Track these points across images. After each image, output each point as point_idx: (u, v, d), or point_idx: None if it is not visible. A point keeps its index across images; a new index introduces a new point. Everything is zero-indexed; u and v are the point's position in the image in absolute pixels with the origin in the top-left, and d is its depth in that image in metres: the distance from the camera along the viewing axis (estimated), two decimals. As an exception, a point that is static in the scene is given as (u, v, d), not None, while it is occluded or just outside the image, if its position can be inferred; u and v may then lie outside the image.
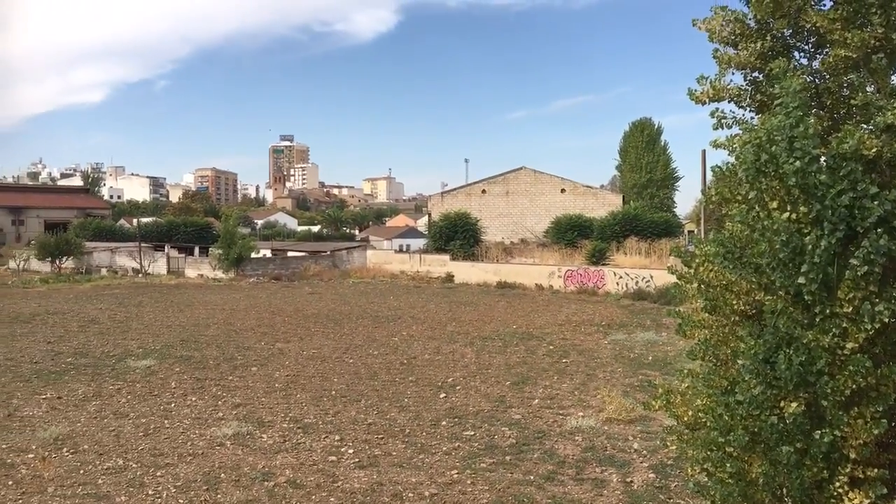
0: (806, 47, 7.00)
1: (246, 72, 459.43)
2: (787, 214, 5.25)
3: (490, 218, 57.66)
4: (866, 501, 5.23)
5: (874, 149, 5.48)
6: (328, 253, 55.89)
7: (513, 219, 59.06)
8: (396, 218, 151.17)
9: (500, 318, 29.07)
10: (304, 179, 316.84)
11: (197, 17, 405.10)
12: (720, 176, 6.35)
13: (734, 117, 6.88)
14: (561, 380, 17.98)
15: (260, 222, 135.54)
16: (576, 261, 43.94)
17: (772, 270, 5.36)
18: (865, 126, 5.83)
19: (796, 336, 5.25)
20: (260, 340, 23.77)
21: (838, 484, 5.28)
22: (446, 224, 50.94)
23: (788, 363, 5.13)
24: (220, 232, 54.53)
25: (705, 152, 25.68)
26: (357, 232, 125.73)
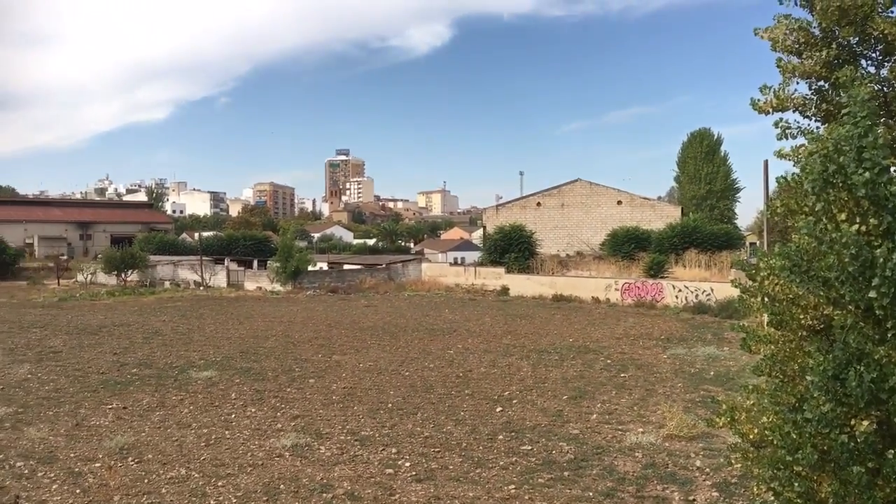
0: (873, 55, 6.82)
1: (303, 88, 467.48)
2: (857, 227, 5.10)
3: (545, 230, 57.36)
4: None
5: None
6: (384, 266, 56.31)
7: (568, 231, 58.65)
8: (451, 231, 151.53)
9: (557, 332, 28.83)
10: (360, 193, 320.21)
11: (256, 36, 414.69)
12: (785, 187, 6.20)
13: (799, 127, 6.73)
14: (619, 395, 17.73)
15: (316, 235, 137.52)
16: (633, 273, 43.37)
17: (841, 284, 5.20)
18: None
19: (867, 352, 5.08)
20: (317, 352, 24.04)
21: (912, 505, 5.09)
22: (501, 237, 50.83)
23: (859, 380, 4.96)
24: (278, 245, 55.45)
25: (767, 162, 25.14)
26: (412, 245, 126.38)
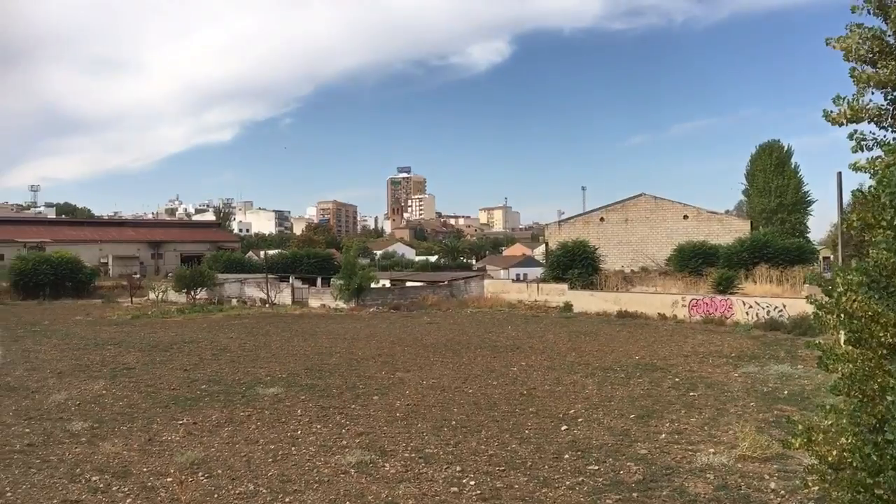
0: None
1: (364, 106, 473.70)
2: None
3: (609, 246, 56.76)
4: None
5: None
6: (446, 283, 56.46)
7: (632, 247, 57.90)
8: (513, 247, 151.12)
9: (622, 349, 28.39)
10: (422, 210, 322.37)
11: (318, 57, 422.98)
12: (861, 200, 6.00)
13: (875, 139, 6.51)
14: (689, 414, 17.31)
15: (378, 253, 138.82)
16: (701, 289, 42.49)
17: (923, 301, 4.98)
18: None
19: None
20: (380, 369, 24.18)
21: None
22: (564, 253, 50.44)
23: (945, 401, 4.74)
24: (342, 263, 56.27)
25: (841, 175, 24.28)
26: (474, 261, 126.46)
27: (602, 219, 60.41)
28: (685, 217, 57.97)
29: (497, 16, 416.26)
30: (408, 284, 59.90)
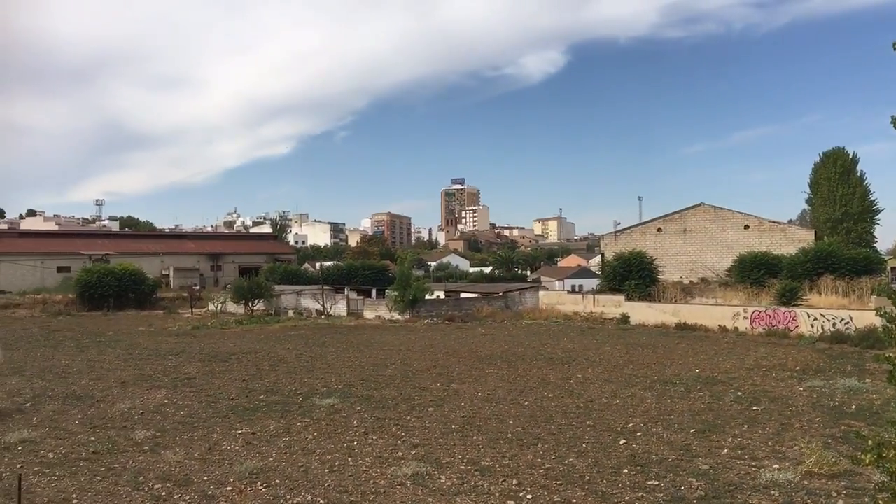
0: None
1: (418, 119, 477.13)
2: None
3: (667, 257, 55.86)
4: None
5: None
6: (500, 294, 56.22)
7: (691, 257, 56.86)
8: (568, 258, 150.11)
9: (681, 362, 27.82)
10: (476, 221, 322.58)
11: (373, 71, 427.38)
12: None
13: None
14: (752, 429, 16.81)
15: (433, 264, 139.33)
16: (763, 301, 41.44)
17: None
18: None
19: None
20: (435, 381, 24.14)
21: None
22: (620, 264, 49.79)
23: None
24: (396, 274, 56.52)
25: (910, 182, 23.47)
26: (528, 273, 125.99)
27: (659, 229, 59.49)
28: (746, 227, 56.71)
29: (551, 26, 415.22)
30: (462, 296, 59.85)
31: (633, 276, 47.98)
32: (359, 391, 22.37)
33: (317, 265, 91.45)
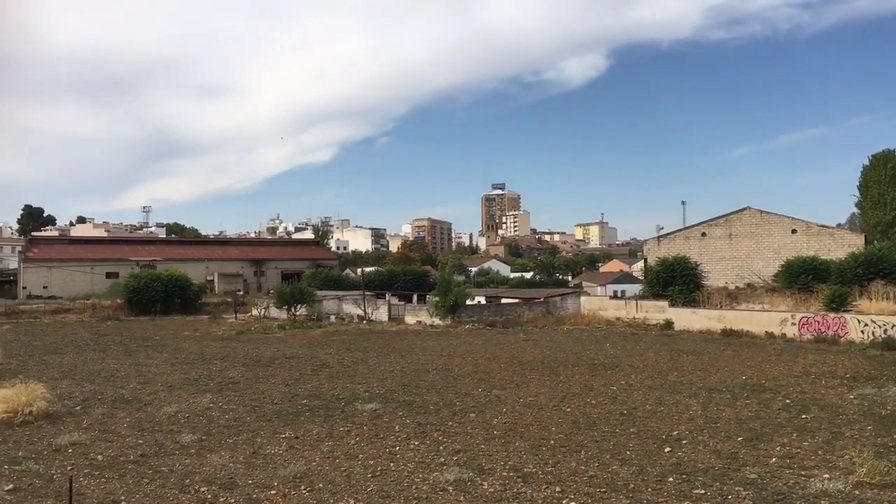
0: None
1: (458, 124, 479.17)
2: None
3: (711, 262, 55.06)
4: None
5: None
6: (541, 299, 55.96)
7: (737, 262, 55.92)
8: (610, 263, 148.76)
9: (727, 368, 27.34)
10: (516, 227, 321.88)
11: (414, 78, 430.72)
12: None
13: None
14: (801, 437, 16.44)
15: (474, 269, 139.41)
16: (811, 307, 40.54)
17: None
18: None
19: None
20: (477, 387, 24.07)
21: None
22: (664, 269, 49.18)
23: None
24: (437, 280, 56.63)
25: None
26: (570, 278, 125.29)
27: (704, 234, 58.63)
28: (793, 231, 55.61)
29: (592, 30, 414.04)
30: (503, 301, 59.71)
31: (677, 282, 47.36)
32: (400, 396, 22.42)
33: (358, 271, 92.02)
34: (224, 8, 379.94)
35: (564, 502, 12.22)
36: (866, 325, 35.24)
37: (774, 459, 14.61)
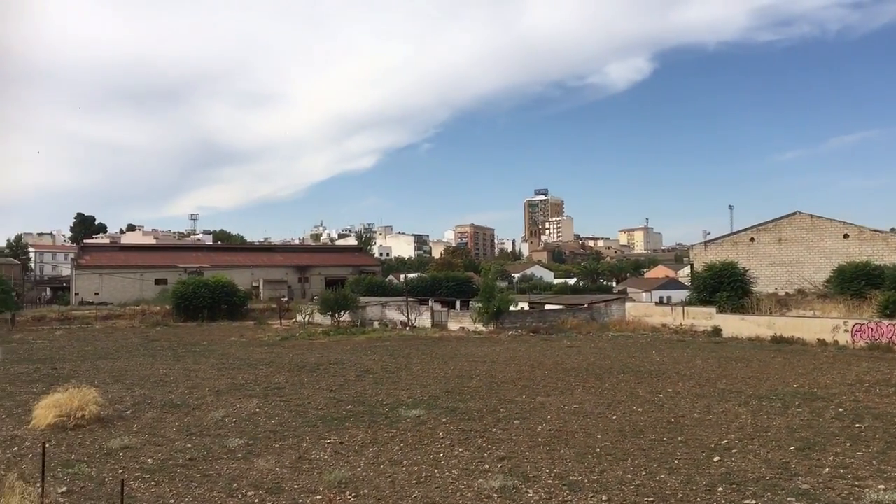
0: None
1: (500, 130, 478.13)
2: None
3: (760, 267, 54.03)
4: None
5: None
6: (586, 305, 55.45)
7: (787, 268, 54.79)
8: (655, 269, 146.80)
9: (778, 376, 26.76)
10: (559, 232, 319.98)
11: (455, 84, 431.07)
12: None
13: None
14: (855, 447, 15.98)
15: (517, 276, 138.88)
16: (865, 313, 39.51)
17: None
18: None
19: None
20: (521, 393, 23.94)
21: None
22: (711, 275, 48.43)
23: None
24: (480, 286, 56.48)
25: None
26: (614, 284, 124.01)
27: (752, 239, 57.58)
28: (845, 236, 54.29)
29: (636, 34, 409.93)
30: (546, 307, 59.33)
31: (725, 288, 46.58)
32: (444, 403, 22.40)
33: (401, 277, 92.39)
34: (270, 18, 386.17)
35: (611, 511, 12.06)
36: (923, 333, 34.22)
37: (827, 469, 14.24)
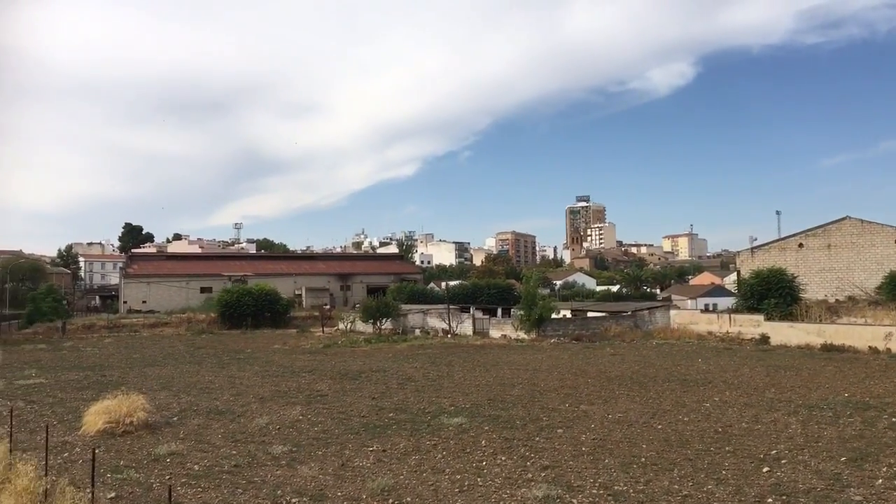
0: None
1: (541, 136, 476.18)
2: None
3: (809, 274, 52.80)
4: None
5: None
6: (629, 313, 54.79)
7: (837, 274, 53.46)
8: (700, 276, 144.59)
9: (828, 385, 26.09)
10: (601, 239, 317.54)
11: (495, 91, 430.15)
12: None
13: None
14: (911, 459, 15.50)
15: (559, 283, 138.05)
16: (918, 320, 38.35)
17: None
18: None
19: None
20: (564, 402, 23.72)
21: None
22: (758, 281, 47.42)
23: None
24: (522, 293, 56.15)
25: None
26: (658, 291, 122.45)
27: (801, 245, 56.34)
28: (897, 241, 52.85)
29: (678, 38, 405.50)
30: (589, 315, 58.79)
31: (773, 295, 45.60)
32: (486, 411, 22.30)
33: (442, 284, 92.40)
34: (311, 29, 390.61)
35: (657, 522, 11.85)
36: (981, 340, 33.08)
37: (881, 481, 13.83)
